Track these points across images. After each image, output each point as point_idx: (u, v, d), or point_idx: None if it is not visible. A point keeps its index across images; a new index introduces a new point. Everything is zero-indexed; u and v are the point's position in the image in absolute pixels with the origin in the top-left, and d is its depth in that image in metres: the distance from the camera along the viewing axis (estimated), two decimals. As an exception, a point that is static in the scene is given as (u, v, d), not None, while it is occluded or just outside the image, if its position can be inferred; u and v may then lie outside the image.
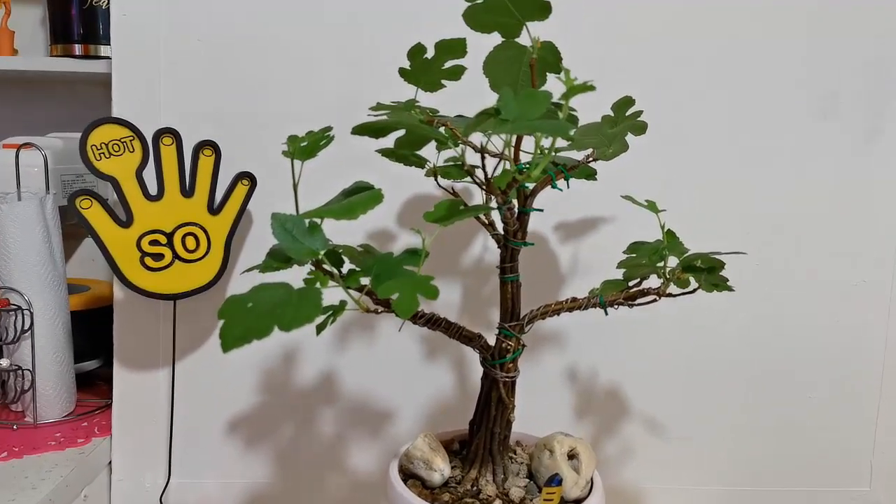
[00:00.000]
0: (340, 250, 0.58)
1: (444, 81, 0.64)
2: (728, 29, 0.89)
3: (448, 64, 0.62)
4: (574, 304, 0.67)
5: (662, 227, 0.67)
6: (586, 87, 0.49)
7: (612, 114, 0.67)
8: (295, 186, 0.59)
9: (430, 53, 0.62)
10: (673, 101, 0.89)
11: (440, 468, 0.66)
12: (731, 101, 0.90)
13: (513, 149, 0.59)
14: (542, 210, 0.67)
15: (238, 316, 0.48)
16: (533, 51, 0.55)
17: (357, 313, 0.94)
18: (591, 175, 0.69)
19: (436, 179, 0.67)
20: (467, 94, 0.63)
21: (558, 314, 0.67)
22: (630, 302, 0.67)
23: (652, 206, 0.67)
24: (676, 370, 0.94)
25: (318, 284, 0.51)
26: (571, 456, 0.67)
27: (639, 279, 0.68)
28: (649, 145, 0.74)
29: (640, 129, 0.67)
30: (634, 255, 0.69)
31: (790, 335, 0.94)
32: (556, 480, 0.62)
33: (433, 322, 0.64)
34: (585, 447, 0.67)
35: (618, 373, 0.94)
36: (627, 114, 0.67)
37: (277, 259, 0.55)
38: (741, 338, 0.94)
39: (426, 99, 0.64)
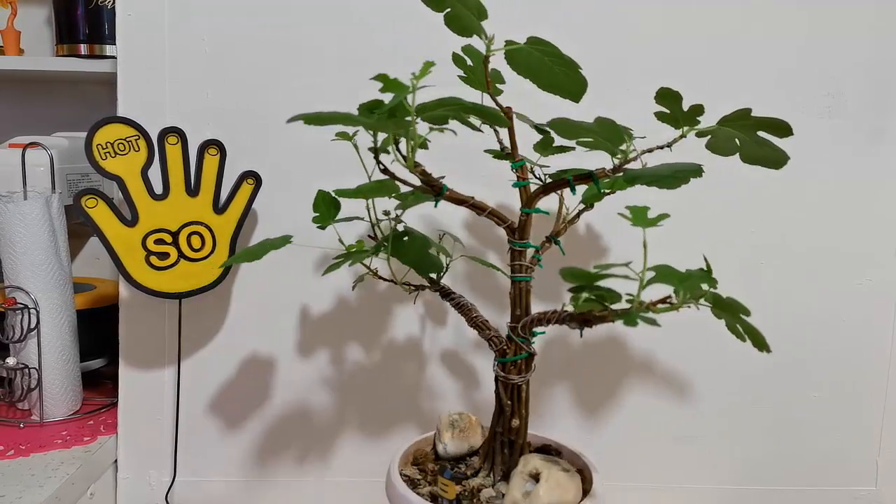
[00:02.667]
0: None
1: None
2: (730, 28, 0.89)
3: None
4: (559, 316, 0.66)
5: (644, 246, 0.60)
6: None
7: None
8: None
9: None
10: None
11: (444, 442, 0.70)
12: (734, 99, 0.90)
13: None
14: (547, 213, 0.67)
15: None
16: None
17: (361, 313, 0.94)
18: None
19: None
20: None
21: (550, 323, 0.66)
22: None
23: (639, 221, 0.58)
24: (680, 369, 0.94)
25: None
26: (535, 476, 0.61)
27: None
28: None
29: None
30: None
31: (795, 334, 0.94)
32: (447, 473, 0.63)
33: (453, 300, 0.66)
34: (554, 474, 0.59)
35: (620, 371, 0.94)
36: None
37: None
38: (746, 337, 0.93)
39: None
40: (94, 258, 1.22)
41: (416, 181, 0.61)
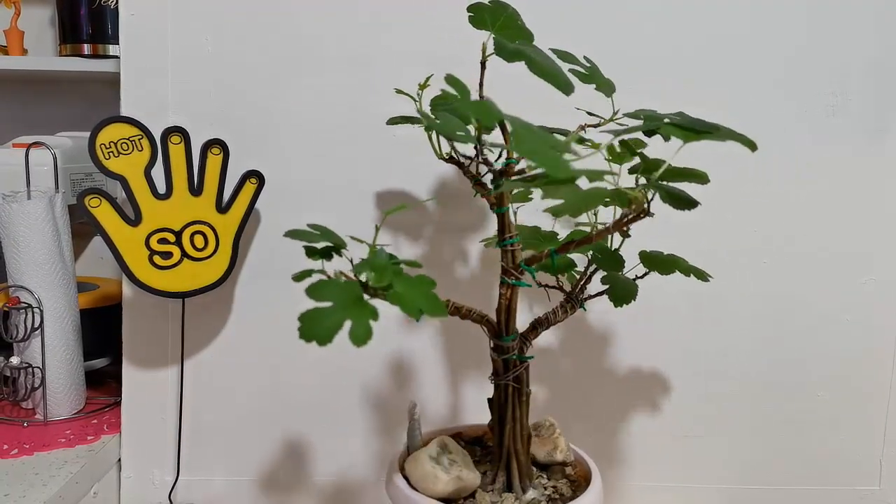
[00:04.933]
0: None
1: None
2: (732, 24, 0.89)
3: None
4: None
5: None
6: None
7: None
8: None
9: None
10: (676, 98, 0.89)
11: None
12: (737, 98, 0.90)
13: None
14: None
15: None
16: None
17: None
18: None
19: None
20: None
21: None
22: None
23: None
24: (683, 368, 0.94)
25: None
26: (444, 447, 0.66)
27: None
28: (654, 145, 0.74)
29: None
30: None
31: (798, 333, 0.94)
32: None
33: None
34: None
35: (624, 370, 0.94)
36: None
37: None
38: (749, 336, 0.93)
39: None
40: (97, 258, 1.23)
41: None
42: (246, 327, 0.93)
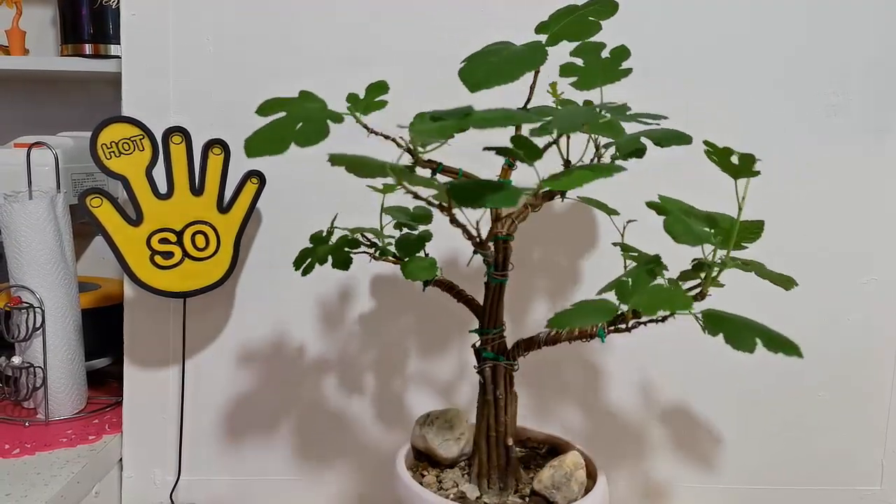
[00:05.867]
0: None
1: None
2: (732, 23, 0.89)
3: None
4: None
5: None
6: None
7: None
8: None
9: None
10: (676, 98, 0.89)
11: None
12: (737, 98, 0.90)
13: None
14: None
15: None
16: None
17: (369, 312, 0.94)
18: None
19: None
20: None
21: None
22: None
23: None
24: (685, 369, 0.94)
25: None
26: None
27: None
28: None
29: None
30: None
31: (799, 333, 0.92)
32: None
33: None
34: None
35: (625, 370, 0.94)
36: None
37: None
38: (750, 336, 0.93)
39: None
40: (99, 258, 1.23)
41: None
42: (247, 327, 0.93)
